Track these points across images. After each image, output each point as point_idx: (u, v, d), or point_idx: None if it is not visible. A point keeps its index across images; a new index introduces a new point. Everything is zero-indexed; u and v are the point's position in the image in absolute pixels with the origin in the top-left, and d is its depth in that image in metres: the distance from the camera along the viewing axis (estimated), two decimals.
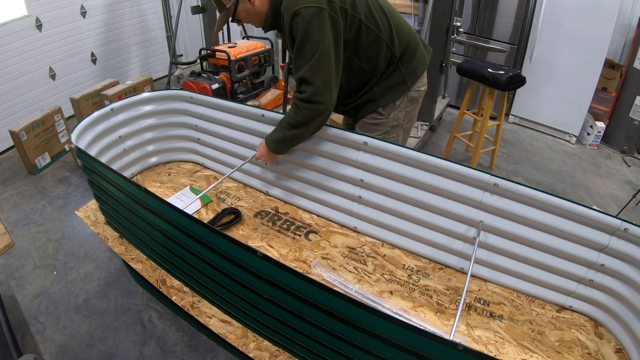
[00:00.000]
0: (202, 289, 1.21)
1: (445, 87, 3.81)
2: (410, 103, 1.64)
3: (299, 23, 1.29)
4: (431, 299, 1.27)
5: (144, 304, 1.85)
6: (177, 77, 4.09)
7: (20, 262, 2.09)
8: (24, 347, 1.66)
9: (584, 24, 3.14)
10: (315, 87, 1.34)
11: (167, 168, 1.90)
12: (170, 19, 4.22)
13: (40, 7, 3.16)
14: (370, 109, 1.60)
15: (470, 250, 1.29)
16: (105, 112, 1.63)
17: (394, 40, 1.49)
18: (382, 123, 1.62)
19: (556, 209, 1.17)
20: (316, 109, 1.37)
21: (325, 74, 1.34)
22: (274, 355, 1.09)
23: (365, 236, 1.52)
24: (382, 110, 1.60)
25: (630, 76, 3.26)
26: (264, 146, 1.55)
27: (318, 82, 1.34)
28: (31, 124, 2.71)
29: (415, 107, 1.68)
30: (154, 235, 1.24)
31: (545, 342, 1.14)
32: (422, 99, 1.68)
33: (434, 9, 2.74)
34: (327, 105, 1.38)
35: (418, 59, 1.58)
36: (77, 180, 2.76)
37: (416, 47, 1.57)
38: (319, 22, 1.28)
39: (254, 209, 1.65)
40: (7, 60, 3.01)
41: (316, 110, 1.37)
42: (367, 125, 1.64)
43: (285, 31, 1.41)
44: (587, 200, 2.80)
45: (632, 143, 3.35)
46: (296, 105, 1.40)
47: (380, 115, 1.61)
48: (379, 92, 1.56)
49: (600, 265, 1.17)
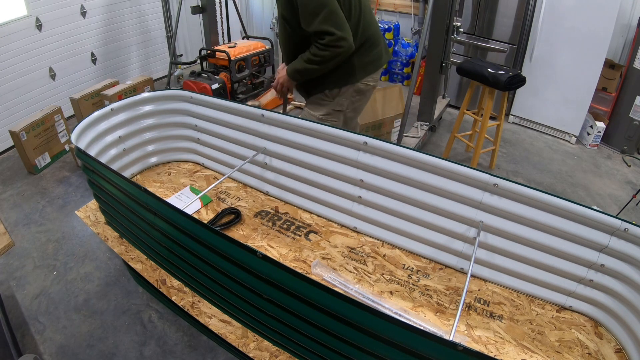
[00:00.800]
0: (202, 289, 1.21)
1: (445, 87, 3.81)
2: (357, 94, 1.80)
3: None
4: (431, 299, 1.27)
5: (144, 304, 1.85)
6: (177, 77, 4.09)
7: (20, 262, 2.09)
8: (24, 347, 1.66)
9: (584, 23, 3.14)
10: (332, 35, 1.49)
11: (167, 168, 1.90)
12: (170, 19, 4.22)
13: (40, 7, 3.16)
14: (318, 89, 1.77)
15: (470, 250, 1.29)
16: (105, 112, 1.63)
17: (357, 31, 1.61)
18: (326, 104, 1.79)
19: (556, 209, 1.17)
20: (336, 52, 1.54)
21: (337, 20, 1.49)
22: (274, 355, 1.09)
23: (365, 236, 1.52)
24: (327, 93, 1.76)
25: (630, 76, 3.26)
26: (284, 69, 1.76)
27: (333, 29, 1.48)
28: (31, 124, 2.71)
29: (361, 99, 1.85)
30: (154, 235, 1.24)
31: (545, 342, 1.14)
32: (370, 93, 1.87)
33: (434, 9, 2.74)
34: (346, 47, 1.54)
35: (374, 56, 1.74)
36: (77, 180, 2.76)
37: (375, 45, 1.72)
38: None
39: (254, 209, 1.65)
40: (7, 60, 3.00)
41: (336, 52, 1.54)
42: (314, 104, 1.81)
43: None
44: (587, 200, 2.80)
45: (632, 143, 3.35)
46: (316, 47, 1.55)
47: (326, 96, 1.77)
48: (327, 76, 1.69)
49: (600, 265, 1.17)
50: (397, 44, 4.38)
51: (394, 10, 4.46)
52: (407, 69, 4.44)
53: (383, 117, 2.66)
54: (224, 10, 4.10)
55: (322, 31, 1.49)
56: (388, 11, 4.50)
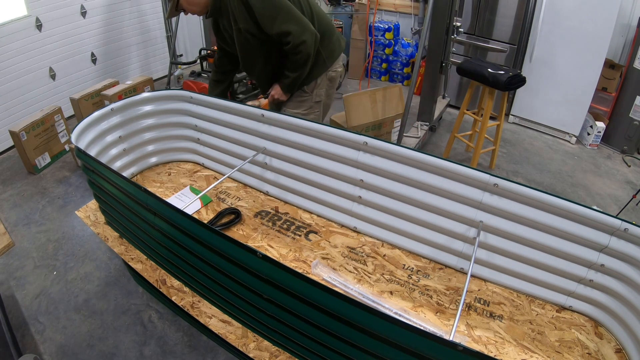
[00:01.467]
0: (202, 289, 1.21)
1: (445, 87, 3.81)
2: (329, 82, 1.94)
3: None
4: (431, 299, 1.27)
5: (144, 304, 1.85)
6: (177, 77, 4.09)
7: (20, 262, 2.09)
8: (24, 347, 1.66)
9: (584, 24, 3.14)
10: (293, 32, 1.59)
11: (167, 168, 1.90)
12: (170, 19, 4.21)
13: (40, 7, 3.16)
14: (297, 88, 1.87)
15: (470, 250, 1.29)
16: (105, 112, 1.63)
17: (314, 24, 1.71)
18: (307, 100, 1.90)
19: (556, 209, 1.17)
20: (303, 50, 1.64)
21: (293, 16, 1.61)
22: (274, 355, 1.09)
23: (365, 236, 1.52)
24: (306, 88, 1.88)
25: (630, 76, 3.26)
26: (277, 87, 1.86)
27: (293, 27, 1.59)
28: (31, 124, 2.71)
29: (333, 86, 2.01)
30: (154, 235, 1.24)
31: (545, 342, 1.14)
32: (338, 79, 2.00)
33: (434, 9, 2.74)
34: (311, 41, 1.65)
35: (334, 43, 1.88)
36: (77, 180, 2.76)
37: (332, 33, 1.87)
38: None
39: (254, 209, 1.65)
40: (7, 60, 3.00)
41: (304, 52, 1.65)
42: (295, 103, 1.91)
43: (234, 10, 1.63)
44: (587, 200, 2.80)
45: (632, 143, 3.35)
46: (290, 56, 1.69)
47: (304, 92, 1.89)
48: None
49: (600, 265, 1.17)
50: (397, 44, 4.38)
51: (394, 10, 4.46)
52: (407, 69, 4.44)
53: (383, 117, 2.66)
54: None
55: (283, 32, 1.61)
56: (388, 11, 4.51)
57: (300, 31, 1.61)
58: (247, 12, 1.62)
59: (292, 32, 1.60)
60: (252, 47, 1.77)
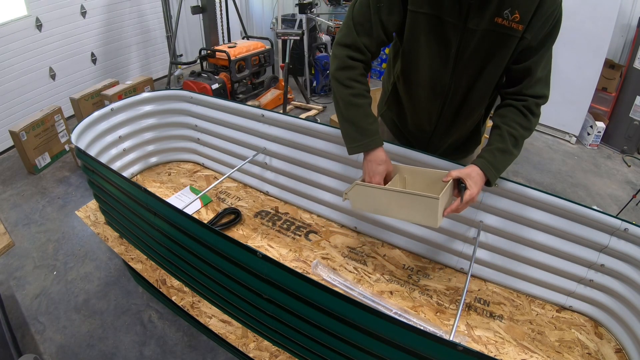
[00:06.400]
0: (202, 289, 1.21)
1: None
2: None
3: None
4: (431, 299, 1.26)
5: (144, 304, 1.85)
6: (177, 77, 4.09)
7: (20, 262, 2.09)
8: (24, 347, 1.66)
9: (584, 23, 3.14)
10: (546, 98, 1.15)
11: (167, 168, 1.90)
12: (170, 19, 4.22)
13: (40, 7, 3.16)
14: (476, 141, 1.30)
15: (470, 250, 1.29)
16: (105, 112, 1.63)
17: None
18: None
19: (556, 209, 1.17)
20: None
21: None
22: (274, 355, 1.09)
23: (365, 236, 1.52)
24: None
25: (630, 76, 3.26)
26: (478, 181, 1.06)
27: (548, 92, 1.16)
28: (31, 124, 2.71)
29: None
30: (154, 235, 1.24)
31: (545, 342, 1.14)
32: None
33: None
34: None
35: None
36: (77, 180, 2.76)
37: None
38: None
39: (254, 209, 1.65)
40: (7, 60, 3.01)
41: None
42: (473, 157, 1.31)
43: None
44: (587, 200, 2.80)
45: (632, 143, 3.35)
46: (531, 116, 1.12)
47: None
48: (486, 114, 1.26)
49: (600, 265, 1.17)
50: None
51: None
52: None
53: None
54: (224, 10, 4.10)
55: (544, 95, 1.14)
56: None
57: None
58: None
59: (547, 96, 1.16)
60: (483, 92, 1.19)
